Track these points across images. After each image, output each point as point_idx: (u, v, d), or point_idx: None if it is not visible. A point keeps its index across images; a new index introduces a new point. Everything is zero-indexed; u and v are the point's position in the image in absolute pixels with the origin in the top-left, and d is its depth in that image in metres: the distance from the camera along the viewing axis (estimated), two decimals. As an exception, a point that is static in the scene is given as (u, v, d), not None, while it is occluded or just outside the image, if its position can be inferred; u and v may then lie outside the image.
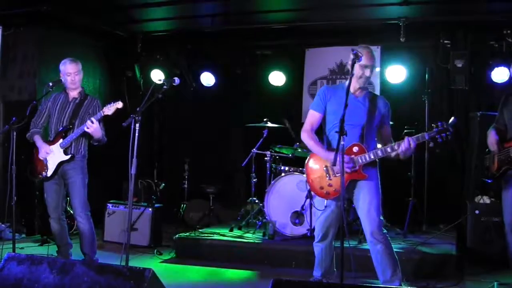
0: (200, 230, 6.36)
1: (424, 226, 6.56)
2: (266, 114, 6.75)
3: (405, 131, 6.04)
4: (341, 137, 3.60)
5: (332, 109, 4.14)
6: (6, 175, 4.89)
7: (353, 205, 4.28)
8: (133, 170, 4.06)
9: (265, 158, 6.53)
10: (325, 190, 4.14)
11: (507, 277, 4.70)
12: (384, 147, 4.01)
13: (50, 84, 4.96)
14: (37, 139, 5.00)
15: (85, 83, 5.16)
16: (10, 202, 4.79)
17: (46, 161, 4.94)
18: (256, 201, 6.63)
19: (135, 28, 7.85)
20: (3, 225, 6.55)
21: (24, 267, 3.36)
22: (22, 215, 6.77)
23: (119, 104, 4.75)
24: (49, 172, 4.93)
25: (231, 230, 6.30)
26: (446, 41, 6.90)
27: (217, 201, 7.65)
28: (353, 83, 4.07)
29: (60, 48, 7.05)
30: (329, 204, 4.20)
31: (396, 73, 7.03)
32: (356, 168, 4.01)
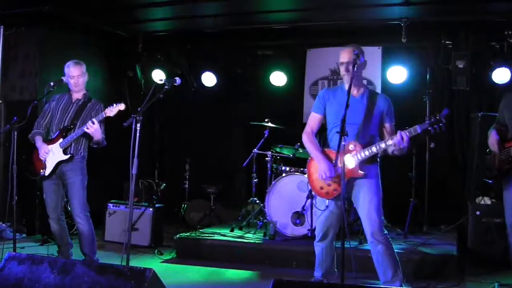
0: (201, 230, 6.35)
1: (425, 227, 6.56)
2: (267, 115, 6.75)
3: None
4: (342, 138, 3.65)
5: (331, 110, 4.20)
6: (7, 175, 4.90)
7: (354, 205, 4.28)
8: (134, 170, 4.07)
9: (266, 159, 6.53)
10: (325, 190, 4.17)
11: (508, 278, 4.70)
12: (378, 143, 4.00)
13: (51, 84, 4.97)
14: (37, 140, 4.99)
15: (86, 83, 5.16)
16: (11, 202, 4.80)
17: (45, 160, 4.94)
18: (257, 201, 6.63)
19: (136, 28, 7.86)
20: (4, 225, 6.55)
21: (25, 267, 3.36)
22: (23, 215, 6.76)
23: (122, 106, 4.75)
24: (47, 171, 4.93)
25: (232, 230, 6.30)
26: (448, 42, 6.90)
27: (218, 201, 7.64)
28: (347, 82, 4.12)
29: (62, 48, 7.08)
30: (329, 204, 4.20)
31: (397, 74, 7.01)
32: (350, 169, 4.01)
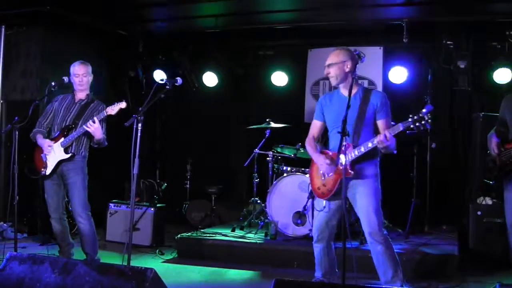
0: (202, 230, 6.35)
1: (426, 227, 6.56)
2: (269, 115, 6.75)
3: (407, 132, 6.01)
4: (343, 138, 3.70)
5: (329, 114, 4.26)
6: (8, 174, 4.91)
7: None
8: (136, 170, 4.06)
9: (267, 159, 6.53)
10: (321, 191, 4.19)
11: (509, 278, 4.70)
12: (366, 142, 3.97)
13: (53, 84, 4.97)
14: (39, 137, 4.99)
15: (88, 84, 5.17)
16: (12, 202, 4.81)
17: (46, 159, 4.93)
18: (258, 202, 6.63)
19: (138, 28, 7.86)
20: (5, 225, 6.56)
21: (26, 267, 3.37)
22: (24, 215, 6.78)
23: (123, 104, 4.75)
24: (48, 170, 4.93)
25: (233, 230, 6.30)
26: (449, 42, 6.88)
27: (219, 201, 7.64)
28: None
29: (63, 48, 7.08)
30: (326, 205, 4.21)
31: (399, 74, 7.00)
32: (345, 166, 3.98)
